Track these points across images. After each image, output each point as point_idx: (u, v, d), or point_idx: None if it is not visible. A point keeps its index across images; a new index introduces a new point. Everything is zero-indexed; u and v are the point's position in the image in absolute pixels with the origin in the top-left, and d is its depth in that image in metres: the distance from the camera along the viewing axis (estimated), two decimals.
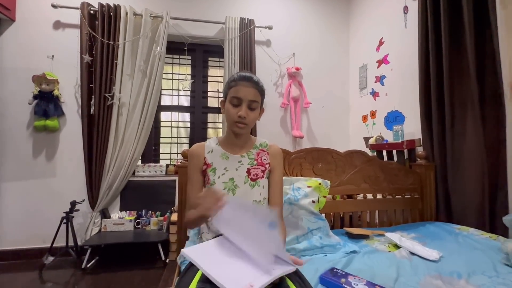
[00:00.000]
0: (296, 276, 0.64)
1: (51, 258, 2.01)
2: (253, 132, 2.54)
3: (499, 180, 1.40)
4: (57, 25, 2.31)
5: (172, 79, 2.73)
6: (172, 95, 2.73)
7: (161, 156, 2.68)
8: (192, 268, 0.67)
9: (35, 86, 2.15)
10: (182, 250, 0.64)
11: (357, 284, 0.85)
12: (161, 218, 2.34)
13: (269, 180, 1.01)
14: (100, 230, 2.22)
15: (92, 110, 2.22)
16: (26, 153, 2.22)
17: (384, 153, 2.11)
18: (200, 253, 0.64)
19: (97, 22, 2.27)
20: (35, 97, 2.15)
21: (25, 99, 2.17)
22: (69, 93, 2.30)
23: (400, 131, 1.98)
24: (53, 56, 2.25)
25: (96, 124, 2.23)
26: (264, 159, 0.99)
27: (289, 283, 0.58)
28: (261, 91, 0.94)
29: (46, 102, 2.17)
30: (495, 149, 1.41)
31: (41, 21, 2.28)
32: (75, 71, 2.28)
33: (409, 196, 1.75)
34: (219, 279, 0.56)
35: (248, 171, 0.95)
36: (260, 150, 1.00)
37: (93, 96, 2.23)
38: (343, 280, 0.87)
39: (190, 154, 0.99)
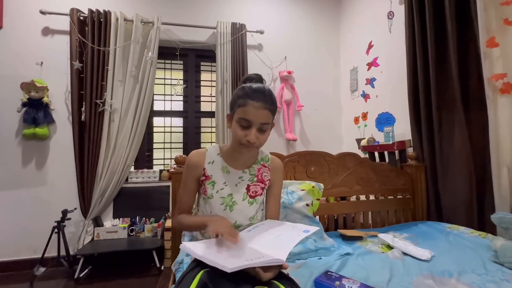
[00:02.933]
0: (289, 281, 0.65)
1: (42, 269, 1.96)
2: None
3: (485, 179, 1.44)
4: (46, 31, 2.28)
5: (165, 84, 2.72)
6: (164, 100, 2.72)
7: (155, 161, 2.66)
8: (188, 275, 0.67)
9: (24, 93, 2.11)
10: (182, 244, 0.65)
11: (351, 287, 0.86)
12: (155, 224, 2.32)
13: (268, 193, 0.98)
14: (93, 238, 2.18)
15: (83, 117, 2.19)
16: (15, 162, 2.17)
17: (376, 154, 2.14)
18: (197, 245, 0.67)
19: (87, 28, 2.25)
20: (24, 104, 2.11)
21: (13, 107, 2.12)
22: (59, 100, 2.27)
23: (391, 132, 2.02)
24: (42, 62, 2.22)
25: (87, 131, 2.20)
26: (265, 175, 0.95)
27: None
28: (273, 110, 0.85)
29: (36, 110, 2.13)
30: (481, 149, 1.45)
31: (30, 28, 2.24)
32: (65, 77, 2.25)
33: (401, 196, 1.78)
34: (212, 258, 0.58)
35: (248, 188, 0.92)
36: (261, 165, 0.96)
37: (84, 103, 2.20)
38: (337, 283, 0.88)
39: (188, 163, 0.92)
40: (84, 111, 2.19)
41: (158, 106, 2.71)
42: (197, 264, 0.67)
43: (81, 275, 1.97)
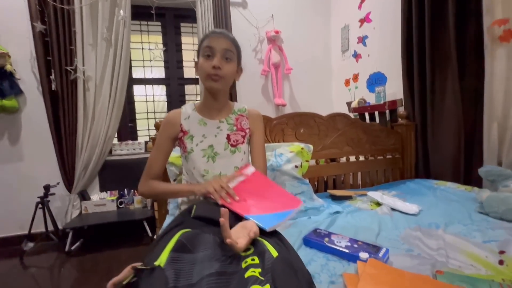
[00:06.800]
0: (276, 238, 0.62)
1: (30, 244, 1.93)
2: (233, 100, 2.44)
3: (476, 134, 1.42)
4: None
5: (142, 48, 2.51)
6: (144, 66, 2.53)
7: (139, 133, 2.55)
8: (165, 236, 0.62)
9: None
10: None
11: (340, 242, 0.85)
12: None
13: (250, 144, 0.96)
14: (80, 212, 2.14)
15: (53, 86, 2.02)
16: None
17: (367, 116, 2.09)
18: None
19: None
20: None
21: None
22: (25, 68, 2.05)
23: (382, 92, 1.95)
24: None
25: (60, 101, 2.04)
26: (244, 124, 0.94)
27: (268, 245, 0.55)
28: (236, 44, 0.87)
29: None
30: (472, 103, 1.41)
31: None
32: (28, 42, 2.02)
33: (390, 156, 1.77)
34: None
35: (228, 137, 0.89)
36: (239, 115, 0.94)
37: (52, 70, 2.01)
38: (326, 239, 0.87)
39: (165, 121, 0.91)
40: (53, 80, 2.01)
41: (137, 73, 2.52)
42: (176, 224, 0.63)
43: (72, 248, 1.96)
